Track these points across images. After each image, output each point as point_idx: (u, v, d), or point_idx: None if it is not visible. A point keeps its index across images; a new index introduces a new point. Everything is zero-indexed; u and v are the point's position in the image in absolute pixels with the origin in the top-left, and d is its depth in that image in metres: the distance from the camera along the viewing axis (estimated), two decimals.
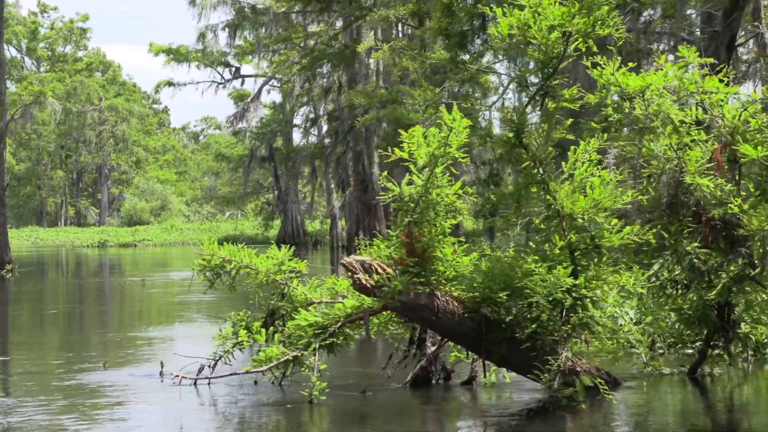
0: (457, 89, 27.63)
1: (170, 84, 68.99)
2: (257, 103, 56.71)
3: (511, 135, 10.21)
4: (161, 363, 12.67)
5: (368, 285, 9.53)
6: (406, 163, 10.20)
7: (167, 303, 27.28)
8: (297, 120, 69.88)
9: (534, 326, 9.54)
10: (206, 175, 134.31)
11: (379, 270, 9.57)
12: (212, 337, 12.09)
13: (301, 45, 57.16)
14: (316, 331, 10.42)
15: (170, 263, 51.81)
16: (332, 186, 59.07)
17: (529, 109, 10.68)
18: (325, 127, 59.51)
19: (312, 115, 48.76)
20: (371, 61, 44.59)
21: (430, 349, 11.00)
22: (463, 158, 9.47)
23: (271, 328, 11.32)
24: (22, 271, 43.07)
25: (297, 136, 70.93)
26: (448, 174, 9.83)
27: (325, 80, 47.36)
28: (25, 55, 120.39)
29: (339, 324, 10.39)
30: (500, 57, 17.99)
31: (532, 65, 11.01)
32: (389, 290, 9.38)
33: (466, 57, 22.07)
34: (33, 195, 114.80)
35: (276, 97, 73.19)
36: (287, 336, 10.80)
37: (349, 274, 9.74)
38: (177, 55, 67.51)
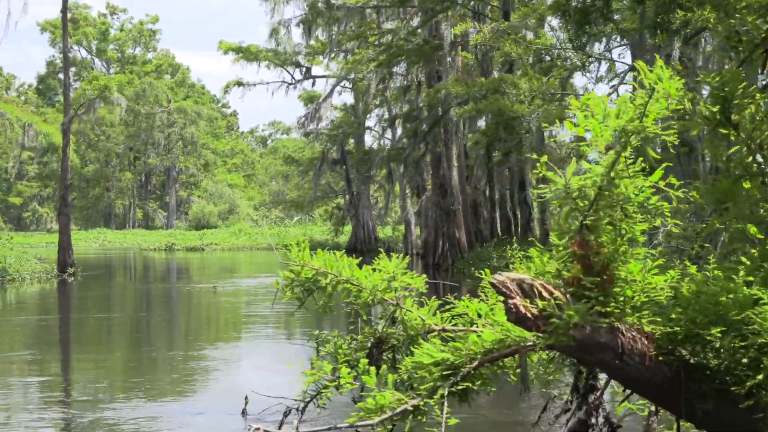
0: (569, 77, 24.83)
1: (239, 84, 66.84)
2: (329, 104, 54.24)
3: (715, 109, 7.36)
4: (245, 399, 11.16)
5: (529, 314, 6.74)
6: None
7: (238, 314, 24.81)
8: (370, 122, 67.42)
9: (760, 377, 6.70)
10: (273, 179, 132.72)
11: (545, 293, 6.75)
12: (299, 368, 9.51)
13: (376, 43, 54.63)
14: (443, 372, 7.66)
15: (239, 269, 49.58)
16: (407, 191, 56.37)
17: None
18: (399, 130, 56.89)
19: (386, 116, 45.83)
20: (448, 59, 41.88)
21: (593, 395, 8.20)
22: (665, 135, 6.60)
23: (383, 366, 8.60)
24: (85, 275, 41.08)
25: (368, 139, 68.48)
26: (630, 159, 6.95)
27: (401, 78, 44.63)
28: (95, 57, 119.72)
29: (475, 364, 7.62)
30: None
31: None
32: (561, 323, 6.55)
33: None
34: (101, 197, 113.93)
35: (347, 98, 70.74)
36: (403, 376, 8.06)
37: (502, 298, 6.94)
38: (247, 53, 65.35)
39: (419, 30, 41.73)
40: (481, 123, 48.14)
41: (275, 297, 9.57)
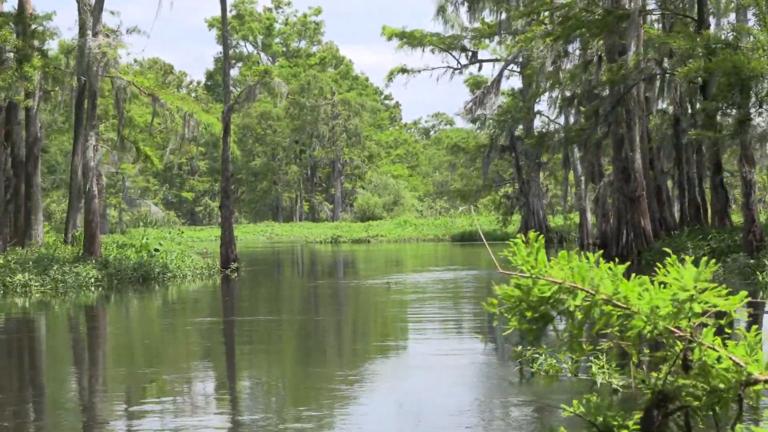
0: None
1: (403, 71, 63.81)
2: (497, 88, 50.48)
3: None
4: None
5: None
6: None
7: (417, 316, 21.51)
8: (539, 106, 63.41)
9: None
10: (437, 169, 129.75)
11: None
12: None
13: (546, 22, 50.58)
14: None
15: (406, 261, 46.52)
16: (581, 176, 52.05)
17: None
18: (573, 113, 52.68)
19: (560, 98, 41.64)
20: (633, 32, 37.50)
21: None
22: None
23: None
24: (249, 270, 38.87)
25: (537, 124, 64.34)
26: None
27: (579, 55, 40.38)
28: (261, 51, 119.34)
29: None
30: None
31: None
32: None
33: None
34: (269, 190, 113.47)
35: (515, 83, 66.52)
36: None
37: None
38: (411, 39, 62.23)
39: (599, 1, 37.57)
40: (661, 104, 43.60)
41: (505, 334, 6.19)
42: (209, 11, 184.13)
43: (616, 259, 6.05)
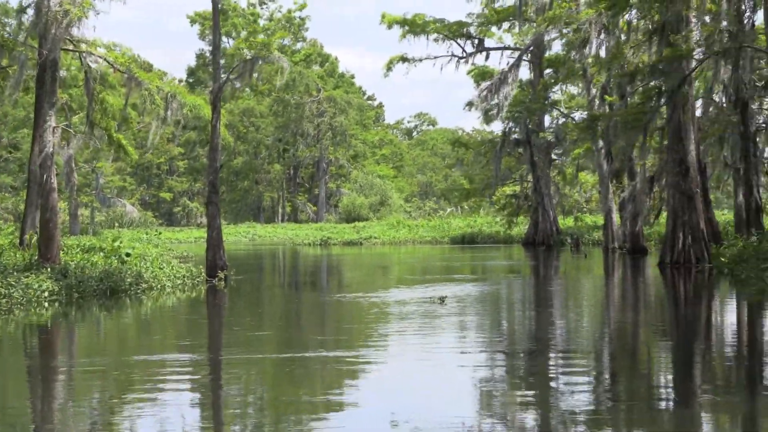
0: None
1: (404, 59, 56.53)
2: (516, 74, 43.41)
3: None
4: None
5: None
6: None
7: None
8: (555, 96, 56.45)
9: None
10: (422, 170, 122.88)
11: None
12: None
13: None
14: None
15: (420, 267, 39.05)
16: (606, 172, 45.11)
17: None
18: (597, 101, 45.84)
19: (615, 75, 34.27)
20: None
21: None
22: None
23: None
24: (239, 280, 31.59)
25: (547, 120, 57.35)
26: None
27: (630, 26, 33.24)
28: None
29: None
30: None
31: None
32: None
33: None
34: (250, 190, 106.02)
35: (523, 73, 59.50)
36: None
37: None
38: (412, 26, 55.02)
39: None
40: (718, 95, 36.75)
41: None
42: (192, 7, 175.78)
43: None
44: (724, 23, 30.27)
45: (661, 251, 33.77)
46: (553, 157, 55.38)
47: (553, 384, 12.25)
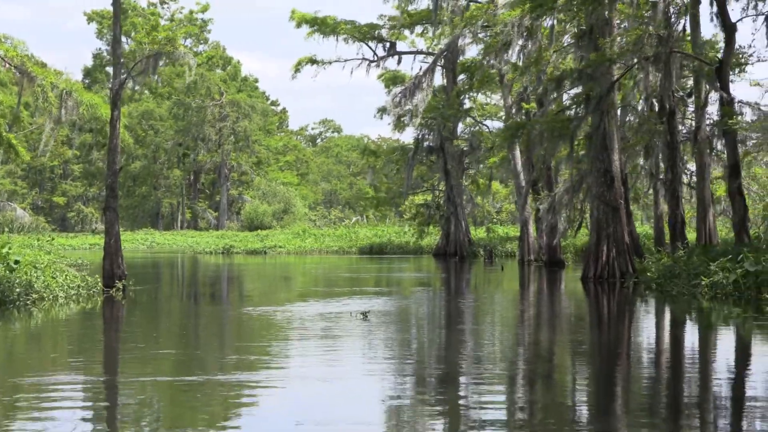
0: None
1: (313, 61, 54.42)
2: (431, 79, 41.75)
3: None
4: None
5: None
6: None
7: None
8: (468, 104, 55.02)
9: None
10: (326, 178, 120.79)
11: None
12: None
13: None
14: None
15: (329, 279, 36.96)
16: (522, 180, 43.80)
17: None
18: (513, 108, 44.54)
19: (543, 79, 32.61)
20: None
21: None
22: None
23: None
24: (137, 290, 29.01)
25: (460, 127, 55.95)
26: None
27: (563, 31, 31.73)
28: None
29: None
30: None
31: None
32: None
33: None
34: (149, 195, 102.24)
35: (436, 79, 57.94)
36: None
37: None
38: (322, 26, 53.00)
39: None
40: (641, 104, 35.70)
41: None
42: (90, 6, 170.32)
43: None
44: (651, 27, 29.10)
45: (584, 265, 32.40)
46: (466, 165, 53.94)
47: (463, 415, 10.31)
